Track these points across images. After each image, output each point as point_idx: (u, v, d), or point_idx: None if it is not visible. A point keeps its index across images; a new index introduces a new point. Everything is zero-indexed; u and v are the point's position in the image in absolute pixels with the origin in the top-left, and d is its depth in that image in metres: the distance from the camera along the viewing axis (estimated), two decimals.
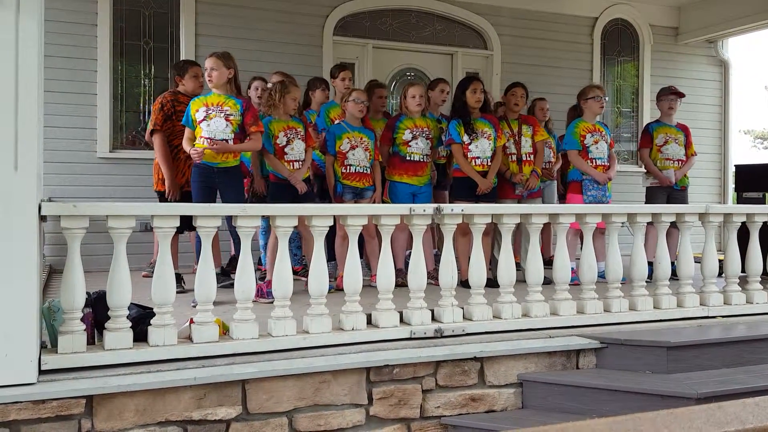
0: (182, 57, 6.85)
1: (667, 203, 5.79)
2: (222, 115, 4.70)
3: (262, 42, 7.09)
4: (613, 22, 8.83)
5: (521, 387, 3.67)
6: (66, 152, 6.46)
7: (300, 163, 5.06)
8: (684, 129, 6.19)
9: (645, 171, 6.22)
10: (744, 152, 26.65)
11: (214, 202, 4.72)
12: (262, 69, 6.30)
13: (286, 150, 5.00)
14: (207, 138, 4.68)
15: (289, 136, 5.02)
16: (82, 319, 3.04)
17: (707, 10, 8.75)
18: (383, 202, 5.44)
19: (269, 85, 5.52)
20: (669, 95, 6.13)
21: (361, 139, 5.30)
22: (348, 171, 5.27)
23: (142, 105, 6.92)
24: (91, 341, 3.11)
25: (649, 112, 8.69)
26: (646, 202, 6.10)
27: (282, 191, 4.96)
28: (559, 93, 7.85)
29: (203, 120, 4.69)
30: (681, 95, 6.20)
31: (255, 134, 4.78)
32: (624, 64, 8.99)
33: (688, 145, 6.14)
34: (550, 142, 6.39)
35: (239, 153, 4.88)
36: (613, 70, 8.93)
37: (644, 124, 6.92)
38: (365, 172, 5.31)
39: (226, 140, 4.70)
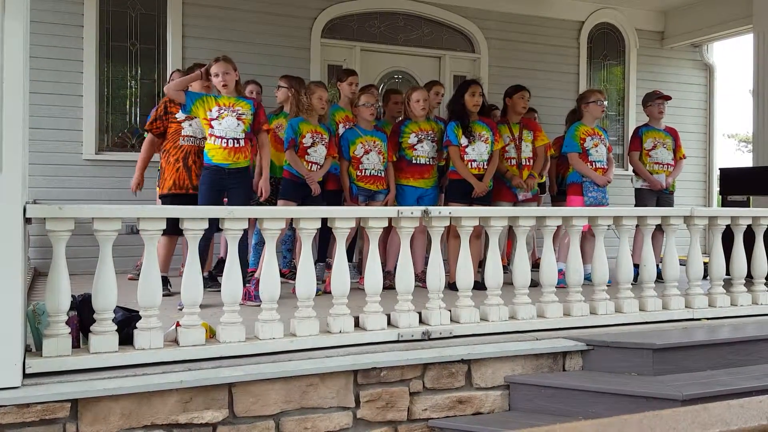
0: (169, 59, 6.84)
1: (657, 206, 5.85)
2: (234, 114, 4.77)
3: (249, 44, 7.07)
4: (599, 26, 8.89)
5: (508, 389, 3.69)
6: (52, 154, 6.41)
7: (318, 166, 5.25)
8: (672, 133, 6.26)
9: (633, 173, 6.28)
10: (728, 156, 27.00)
11: (221, 204, 4.72)
12: (249, 71, 6.29)
13: (309, 151, 5.19)
14: (218, 137, 4.75)
15: (315, 138, 5.20)
16: (67, 323, 3.02)
17: (692, 14, 8.83)
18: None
19: (275, 89, 5.92)
20: (657, 99, 6.20)
21: (374, 142, 5.41)
22: (363, 174, 5.40)
23: (128, 107, 6.88)
24: (76, 344, 3.09)
25: (635, 116, 8.76)
26: (636, 205, 6.15)
27: (294, 189, 5.17)
28: (546, 96, 7.91)
29: (215, 119, 4.74)
30: (668, 98, 6.29)
31: (263, 134, 4.94)
32: (610, 67, 9.04)
33: (677, 148, 6.22)
34: None
35: (248, 154, 4.93)
36: (599, 74, 8.98)
37: (631, 128, 6.98)
38: (379, 175, 5.44)
39: (237, 139, 4.77)
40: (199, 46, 6.84)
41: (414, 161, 5.54)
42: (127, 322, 3.21)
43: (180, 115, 5.10)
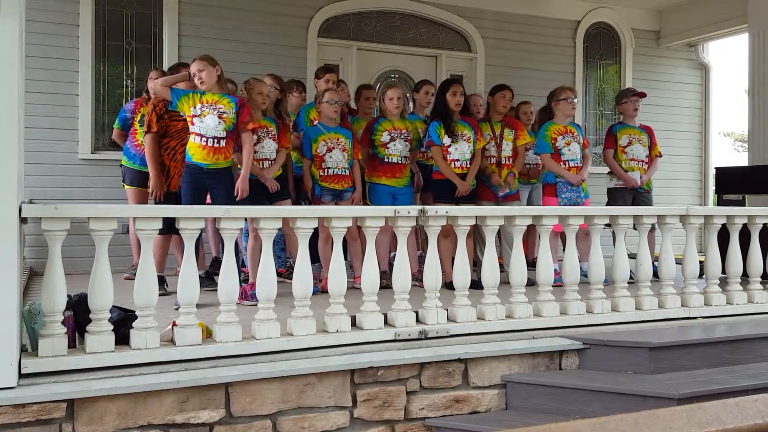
0: (165, 58, 6.82)
1: (633, 205, 5.80)
2: (215, 112, 4.66)
3: (245, 43, 7.07)
4: (595, 26, 8.90)
5: (505, 388, 3.69)
6: (47, 153, 6.39)
7: (270, 162, 5.08)
8: (647, 130, 6.18)
9: (608, 171, 6.18)
10: (724, 154, 27.03)
11: (203, 203, 4.69)
12: (246, 70, 6.26)
13: (256, 147, 4.97)
14: (198, 134, 4.65)
15: (260, 134, 5.01)
16: (63, 322, 3.01)
17: (688, 14, 8.85)
18: (363, 203, 5.44)
19: None
20: (632, 97, 6.14)
21: (338, 139, 5.26)
22: (326, 174, 5.24)
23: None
24: (72, 344, 3.08)
25: None
26: (608, 204, 6.00)
27: (254, 189, 4.91)
28: (542, 96, 7.86)
29: (197, 116, 4.65)
30: (643, 95, 6.22)
31: (246, 133, 4.77)
32: (606, 67, 9.06)
33: (652, 146, 6.13)
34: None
35: (230, 154, 4.86)
36: (595, 73, 9.00)
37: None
38: (344, 174, 5.28)
39: (217, 138, 4.65)
40: (194, 45, 6.81)
41: (386, 159, 5.44)
42: (123, 322, 3.20)
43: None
